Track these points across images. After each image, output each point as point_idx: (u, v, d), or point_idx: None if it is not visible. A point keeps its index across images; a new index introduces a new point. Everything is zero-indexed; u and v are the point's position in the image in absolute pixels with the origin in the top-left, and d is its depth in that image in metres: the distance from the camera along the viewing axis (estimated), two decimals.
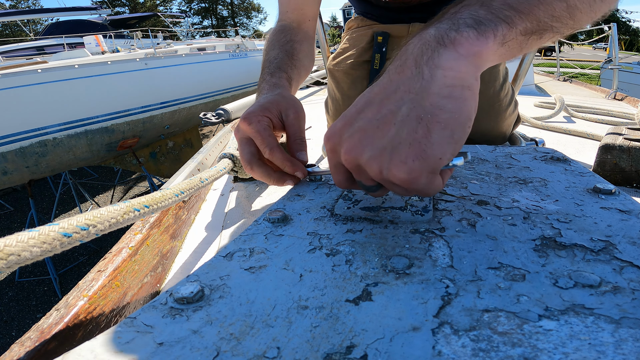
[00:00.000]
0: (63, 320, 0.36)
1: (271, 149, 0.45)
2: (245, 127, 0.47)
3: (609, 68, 2.37)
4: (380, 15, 1.00)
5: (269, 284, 0.27)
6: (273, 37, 0.67)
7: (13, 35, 18.17)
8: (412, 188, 0.30)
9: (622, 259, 0.27)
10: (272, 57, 0.62)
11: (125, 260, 0.48)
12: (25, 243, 0.25)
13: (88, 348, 0.22)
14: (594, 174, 0.44)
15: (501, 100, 0.84)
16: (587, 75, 9.12)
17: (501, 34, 0.31)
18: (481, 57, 0.31)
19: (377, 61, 0.96)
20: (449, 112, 0.29)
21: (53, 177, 5.34)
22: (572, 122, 1.44)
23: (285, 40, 0.65)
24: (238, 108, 1.55)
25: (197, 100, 5.13)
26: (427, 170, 0.29)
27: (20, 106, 3.29)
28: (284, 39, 0.65)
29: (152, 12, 20.54)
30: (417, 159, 0.29)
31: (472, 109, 0.30)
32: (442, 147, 0.29)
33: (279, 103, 0.49)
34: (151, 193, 0.40)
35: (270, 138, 0.46)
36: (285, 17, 0.71)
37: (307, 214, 0.38)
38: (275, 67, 0.59)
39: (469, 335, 0.21)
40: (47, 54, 7.28)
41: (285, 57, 0.61)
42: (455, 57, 0.30)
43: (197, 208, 0.78)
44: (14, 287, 3.85)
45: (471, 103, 0.30)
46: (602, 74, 6.17)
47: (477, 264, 0.28)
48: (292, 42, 0.65)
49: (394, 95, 0.31)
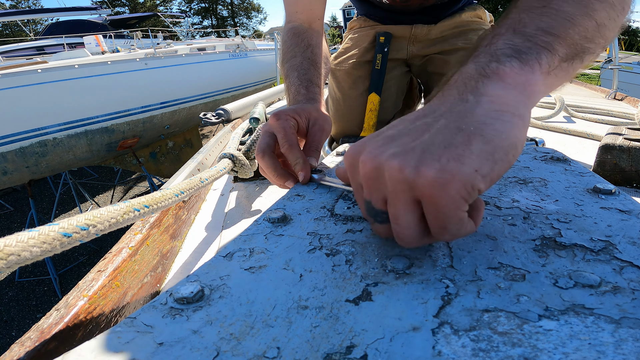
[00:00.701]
0: (63, 320, 0.36)
1: (290, 145, 0.47)
2: (272, 121, 0.49)
3: (609, 68, 2.37)
4: (383, 17, 1.00)
5: (269, 284, 0.27)
6: (290, 40, 0.68)
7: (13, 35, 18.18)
8: (437, 200, 0.24)
9: (622, 259, 0.27)
10: (298, 65, 0.62)
11: (125, 260, 0.48)
12: (25, 243, 0.25)
13: (88, 348, 0.22)
14: (594, 174, 0.44)
15: None
16: (587, 75, 9.12)
17: (546, 63, 0.29)
18: (530, 87, 0.28)
19: (378, 61, 0.96)
20: (494, 129, 0.25)
21: (53, 177, 5.34)
22: (572, 122, 1.44)
23: (305, 45, 0.66)
24: (238, 108, 1.55)
25: (197, 100, 5.13)
26: (461, 179, 0.23)
27: (20, 106, 3.29)
28: (303, 44, 0.66)
29: (152, 12, 20.55)
30: (452, 160, 0.24)
31: (520, 138, 0.26)
32: (481, 161, 0.24)
33: (310, 113, 0.52)
34: (151, 193, 0.40)
35: (293, 136, 0.47)
36: (294, 18, 0.72)
37: (307, 214, 0.38)
38: (308, 81, 0.60)
39: (469, 335, 0.21)
40: (47, 54, 7.28)
41: (312, 68, 0.62)
42: (502, 86, 0.27)
43: (197, 208, 0.78)
44: (14, 287, 3.85)
45: (521, 132, 0.26)
46: (602, 74, 6.17)
47: (477, 264, 0.28)
48: (311, 47, 0.66)
49: (432, 114, 0.28)
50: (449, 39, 0.97)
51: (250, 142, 0.72)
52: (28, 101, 3.32)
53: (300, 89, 0.58)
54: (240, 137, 0.83)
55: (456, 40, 0.96)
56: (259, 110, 0.93)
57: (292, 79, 0.61)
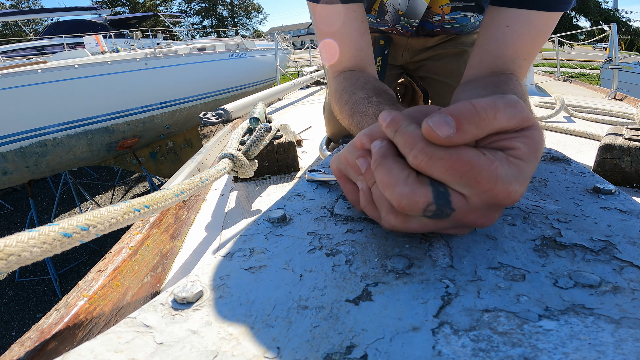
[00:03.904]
0: (63, 320, 0.36)
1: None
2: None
3: (609, 68, 2.37)
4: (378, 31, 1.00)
5: (269, 284, 0.27)
6: (344, 82, 0.61)
7: (13, 35, 18.17)
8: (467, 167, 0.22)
9: (622, 259, 0.27)
10: (363, 97, 0.55)
11: (125, 260, 0.48)
12: (25, 243, 0.25)
13: (88, 348, 0.22)
14: (594, 174, 0.44)
15: None
16: (587, 75, 9.11)
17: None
18: None
19: (378, 63, 0.96)
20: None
21: (53, 177, 5.34)
22: (572, 122, 1.44)
23: (362, 82, 0.59)
24: (238, 108, 1.55)
25: (197, 100, 5.13)
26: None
27: (20, 106, 3.29)
28: (360, 82, 0.59)
29: (152, 12, 20.53)
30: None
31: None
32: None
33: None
34: (151, 193, 0.40)
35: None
36: (340, 68, 0.65)
37: (307, 214, 0.38)
38: (378, 102, 0.53)
39: (469, 335, 0.21)
40: (47, 54, 7.28)
41: (379, 94, 0.55)
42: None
43: (197, 208, 0.78)
44: (14, 287, 3.86)
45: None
46: (602, 74, 6.17)
47: (477, 264, 0.28)
48: (370, 83, 0.59)
49: None
50: (442, 43, 0.97)
51: (250, 142, 0.72)
52: (28, 101, 3.32)
53: (373, 107, 0.51)
54: (240, 137, 0.83)
55: (447, 44, 0.96)
56: (259, 110, 0.93)
57: (358, 106, 0.53)
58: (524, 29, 0.51)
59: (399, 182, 0.24)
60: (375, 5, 0.75)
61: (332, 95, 0.66)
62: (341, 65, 0.65)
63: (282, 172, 0.90)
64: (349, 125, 0.57)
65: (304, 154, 1.11)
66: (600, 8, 16.76)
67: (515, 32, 0.51)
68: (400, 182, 0.24)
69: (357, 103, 0.55)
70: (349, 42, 0.63)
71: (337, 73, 0.66)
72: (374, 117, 0.50)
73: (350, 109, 0.56)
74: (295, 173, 0.91)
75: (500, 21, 0.52)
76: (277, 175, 0.90)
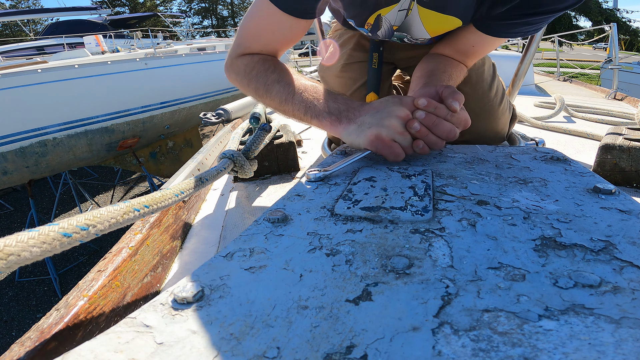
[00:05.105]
0: (63, 320, 0.36)
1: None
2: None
3: (609, 68, 2.37)
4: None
5: (269, 284, 0.27)
6: (261, 66, 0.68)
7: (13, 35, 18.17)
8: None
9: (622, 259, 0.27)
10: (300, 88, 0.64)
11: (125, 260, 0.48)
12: (25, 243, 0.25)
13: (88, 348, 0.22)
14: (594, 174, 0.44)
15: (491, 99, 0.83)
16: (587, 75, 9.11)
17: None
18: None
19: (375, 60, 0.95)
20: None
21: (53, 177, 5.34)
22: (572, 122, 1.44)
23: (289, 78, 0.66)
24: (238, 108, 1.55)
25: (197, 100, 5.13)
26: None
27: (20, 106, 3.29)
28: (287, 78, 0.66)
29: (152, 12, 20.53)
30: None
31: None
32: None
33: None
34: (151, 193, 0.40)
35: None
36: (250, 51, 0.71)
37: (307, 214, 0.38)
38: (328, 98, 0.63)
39: (469, 335, 0.21)
40: (47, 54, 7.29)
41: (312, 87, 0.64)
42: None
43: (197, 208, 0.78)
44: (14, 287, 3.85)
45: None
46: (602, 74, 6.17)
47: (477, 264, 0.28)
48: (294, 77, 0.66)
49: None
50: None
51: (250, 142, 0.72)
52: (28, 101, 3.32)
53: (330, 103, 0.61)
54: (240, 137, 0.83)
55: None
56: (259, 110, 0.93)
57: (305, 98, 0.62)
58: (484, 48, 0.76)
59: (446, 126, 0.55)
60: (370, 19, 0.75)
61: (242, 72, 0.71)
62: (249, 50, 0.70)
63: (282, 172, 0.90)
64: (285, 100, 0.64)
65: (304, 154, 1.11)
66: (600, 8, 16.77)
67: (477, 52, 0.76)
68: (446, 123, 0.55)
69: (302, 95, 0.63)
70: (271, 39, 0.69)
71: (244, 53, 0.71)
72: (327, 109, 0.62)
73: (284, 89, 0.65)
74: (295, 173, 0.91)
75: (469, 39, 0.73)
76: (277, 175, 0.90)
